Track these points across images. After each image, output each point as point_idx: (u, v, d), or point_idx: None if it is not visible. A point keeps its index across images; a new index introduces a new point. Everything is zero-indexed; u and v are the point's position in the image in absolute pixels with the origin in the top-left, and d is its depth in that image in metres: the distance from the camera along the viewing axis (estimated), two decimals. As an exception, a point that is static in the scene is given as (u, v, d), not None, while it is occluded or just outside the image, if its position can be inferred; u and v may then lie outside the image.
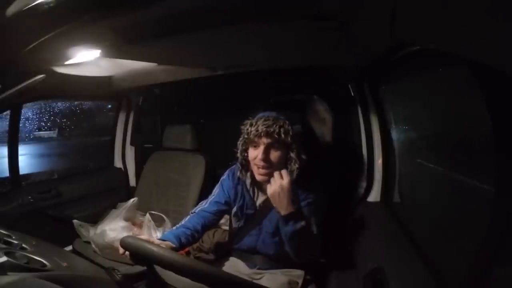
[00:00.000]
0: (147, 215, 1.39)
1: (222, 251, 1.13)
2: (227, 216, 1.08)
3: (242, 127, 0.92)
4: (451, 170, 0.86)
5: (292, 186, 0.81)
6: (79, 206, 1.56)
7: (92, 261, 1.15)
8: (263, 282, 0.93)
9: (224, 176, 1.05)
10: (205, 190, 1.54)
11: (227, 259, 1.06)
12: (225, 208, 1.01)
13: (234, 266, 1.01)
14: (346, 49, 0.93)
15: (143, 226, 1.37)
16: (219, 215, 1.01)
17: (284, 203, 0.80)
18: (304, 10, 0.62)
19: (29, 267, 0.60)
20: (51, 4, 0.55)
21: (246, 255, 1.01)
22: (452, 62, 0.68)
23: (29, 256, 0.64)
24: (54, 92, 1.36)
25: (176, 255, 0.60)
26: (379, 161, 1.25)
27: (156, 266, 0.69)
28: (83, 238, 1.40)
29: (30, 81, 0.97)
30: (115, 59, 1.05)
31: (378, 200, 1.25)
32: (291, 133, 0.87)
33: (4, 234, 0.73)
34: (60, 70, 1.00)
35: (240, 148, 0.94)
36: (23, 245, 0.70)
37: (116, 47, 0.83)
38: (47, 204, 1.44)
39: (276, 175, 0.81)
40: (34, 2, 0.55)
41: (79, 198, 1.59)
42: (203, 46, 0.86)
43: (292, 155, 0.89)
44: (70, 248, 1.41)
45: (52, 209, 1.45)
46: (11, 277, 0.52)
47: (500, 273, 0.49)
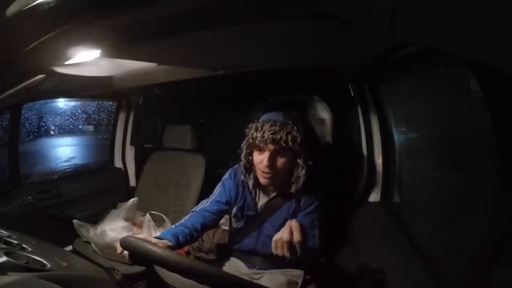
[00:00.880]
0: (147, 215, 1.39)
1: (222, 251, 1.13)
2: (227, 216, 1.08)
3: (247, 131, 0.89)
4: (451, 170, 0.86)
5: (305, 240, 0.64)
6: (79, 206, 1.56)
7: (92, 261, 1.15)
8: (262, 282, 0.93)
9: (226, 175, 1.03)
10: (205, 190, 1.54)
11: (227, 259, 1.06)
12: (226, 208, 1.00)
13: (234, 266, 1.01)
14: (346, 49, 0.92)
15: (143, 226, 1.37)
16: (220, 214, 1.00)
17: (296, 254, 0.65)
18: (305, 10, 0.63)
19: (29, 267, 0.59)
20: (51, 4, 0.55)
21: (246, 255, 1.01)
22: (452, 62, 0.68)
23: (29, 256, 0.64)
24: (54, 92, 1.37)
25: (176, 255, 0.60)
26: (379, 161, 1.25)
27: (155, 266, 0.69)
28: (83, 238, 1.40)
29: (30, 81, 0.97)
30: (115, 59, 1.05)
31: (378, 200, 1.25)
32: (299, 140, 0.84)
33: (4, 234, 0.73)
34: (60, 70, 1.00)
35: (244, 151, 0.92)
36: (23, 245, 0.70)
37: (116, 47, 0.83)
38: (47, 204, 1.44)
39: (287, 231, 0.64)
40: (34, 2, 0.55)
41: (79, 198, 1.59)
42: (203, 46, 0.86)
43: (300, 161, 0.87)
44: (70, 248, 1.41)
45: (52, 209, 1.45)
46: (11, 277, 0.52)
47: (500, 273, 0.49)
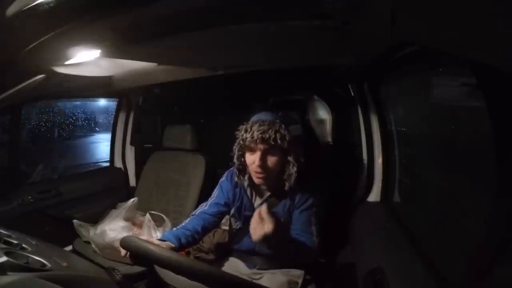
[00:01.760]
0: (147, 215, 1.39)
1: (222, 251, 1.13)
2: (227, 216, 1.08)
3: (237, 133, 0.91)
4: (451, 169, 0.86)
5: (274, 224, 0.67)
6: (79, 206, 1.56)
7: (92, 261, 1.15)
8: (263, 282, 0.93)
9: (223, 178, 1.05)
10: (205, 190, 1.54)
11: (227, 259, 1.06)
12: (225, 210, 1.01)
13: (234, 266, 1.02)
14: (346, 49, 0.92)
15: (143, 226, 1.37)
16: (219, 216, 1.01)
17: (273, 243, 0.71)
18: (304, 9, 0.62)
19: (29, 267, 0.59)
20: (51, 4, 0.55)
21: (246, 255, 1.01)
22: (452, 62, 0.68)
23: (29, 256, 0.64)
24: (54, 92, 1.37)
25: (176, 255, 0.60)
26: (379, 161, 1.25)
27: (156, 266, 0.69)
28: (83, 238, 1.40)
29: (30, 81, 0.97)
30: (115, 59, 1.05)
31: (378, 200, 1.25)
32: (287, 138, 0.86)
33: (4, 234, 0.73)
34: (60, 70, 1.00)
35: (236, 153, 0.94)
36: (23, 245, 0.69)
37: (116, 47, 0.83)
38: (47, 204, 1.44)
39: (255, 217, 0.69)
40: (34, 2, 0.55)
41: (79, 198, 1.59)
42: (203, 46, 0.86)
43: (290, 158, 0.88)
44: (70, 248, 1.40)
45: (52, 209, 1.45)
46: (11, 277, 0.52)
47: (500, 273, 0.49)
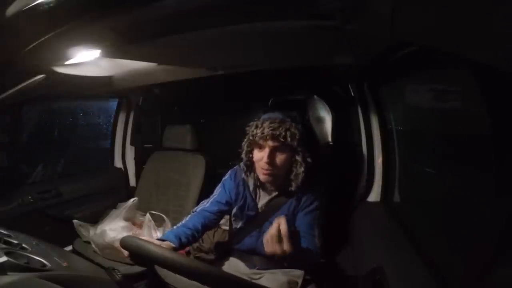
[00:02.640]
0: (147, 215, 1.39)
1: (222, 251, 1.13)
2: (227, 216, 1.08)
3: (247, 128, 0.91)
4: (451, 169, 0.86)
5: (290, 242, 0.65)
6: (79, 206, 1.56)
7: (92, 261, 1.15)
8: (263, 282, 0.93)
9: (226, 176, 1.04)
10: (205, 190, 1.54)
11: (227, 259, 1.06)
12: (226, 208, 1.01)
13: (234, 266, 1.01)
14: (346, 49, 0.92)
15: (143, 226, 1.37)
16: (220, 215, 1.01)
17: (285, 255, 0.67)
18: (304, 9, 0.62)
19: (29, 267, 0.59)
20: (51, 4, 0.55)
21: (246, 255, 1.01)
22: (452, 62, 0.68)
23: (29, 256, 0.64)
24: (54, 92, 1.36)
25: (176, 255, 0.60)
26: (379, 161, 1.25)
27: (156, 266, 0.69)
28: (83, 238, 1.40)
29: (30, 81, 0.97)
30: (115, 59, 1.05)
31: (378, 200, 1.25)
32: (297, 136, 0.86)
33: (4, 234, 0.73)
34: (60, 70, 1.00)
35: (245, 149, 0.94)
36: (23, 245, 0.69)
37: (116, 47, 0.83)
38: (47, 204, 1.44)
39: (273, 232, 0.65)
40: (34, 2, 0.55)
41: (79, 198, 1.59)
42: (203, 46, 0.86)
43: (298, 158, 0.88)
44: (70, 248, 1.40)
45: (52, 209, 1.45)
46: (11, 277, 0.52)
47: (500, 273, 0.49)
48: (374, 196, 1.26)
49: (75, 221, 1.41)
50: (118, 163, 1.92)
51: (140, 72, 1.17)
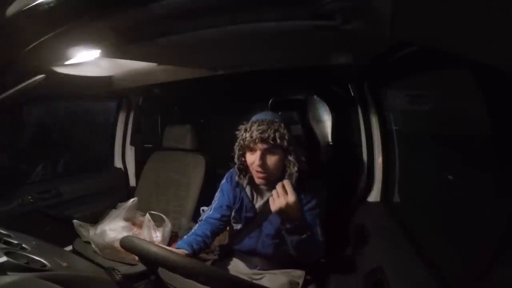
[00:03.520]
0: (147, 215, 1.39)
1: (222, 252, 1.13)
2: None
3: (237, 132, 0.91)
4: (451, 169, 0.86)
5: (296, 198, 0.76)
6: (79, 206, 1.56)
7: (92, 261, 1.14)
8: (263, 282, 0.93)
9: (224, 180, 1.05)
10: (205, 190, 1.54)
11: (227, 259, 1.06)
12: (229, 213, 1.01)
13: (235, 267, 1.01)
14: (346, 49, 0.92)
15: (143, 226, 1.37)
16: (225, 220, 1.01)
17: (290, 217, 0.78)
18: (304, 9, 0.63)
19: (29, 267, 0.59)
20: (51, 4, 0.55)
21: (246, 256, 1.01)
22: (452, 62, 0.68)
23: (29, 256, 0.64)
24: (54, 92, 1.36)
25: (176, 255, 0.60)
26: (379, 161, 1.25)
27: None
28: (83, 238, 1.40)
29: (30, 81, 0.97)
30: (115, 59, 1.05)
31: (378, 200, 1.25)
32: (287, 137, 0.86)
33: (4, 234, 0.73)
34: (60, 70, 1.00)
35: (237, 153, 0.93)
36: (23, 245, 0.69)
37: (116, 47, 0.83)
38: (47, 204, 1.44)
39: (279, 189, 0.77)
40: (34, 2, 0.55)
41: (79, 198, 1.59)
42: (203, 46, 0.86)
43: (291, 158, 0.88)
44: (70, 248, 1.40)
45: (52, 209, 1.45)
46: (11, 277, 0.52)
47: (500, 273, 0.49)
48: (374, 196, 1.26)
49: (75, 221, 1.41)
50: (118, 163, 1.92)
51: (140, 72, 1.17)
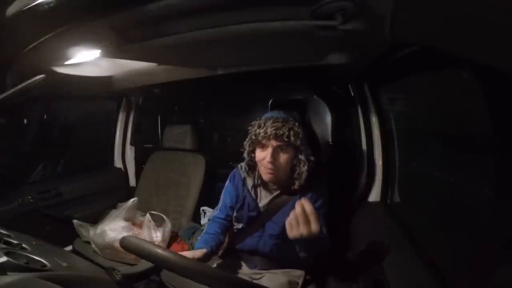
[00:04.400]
0: (147, 215, 1.39)
1: (223, 251, 1.13)
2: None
3: (250, 128, 0.91)
4: (450, 169, 0.86)
5: (319, 225, 0.64)
6: (79, 206, 1.56)
7: (92, 261, 1.14)
8: (263, 282, 0.93)
9: (227, 181, 1.05)
10: (205, 190, 1.54)
11: (227, 259, 1.06)
12: (232, 213, 1.02)
13: (235, 266, 1.02)
14: (346, 49, 0.92)
15: (143, 226, 1.37)
16: (230, 219, 1.02)
17: (306, 239, 0.66)
18: (304, 9, 0.62)
19: (29, 267, 0.59)
20: (51, 4, 0.55)
21: (247, 255, 1.02)
22: (452, 62, 0.68)
23: (29, 256, 0.64)
24: (54, 92, 1.36)
25: (176, 255, 0.60)
26: (379, 161, 1.25)
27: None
28: (83, 238, 1.40)
29: (30, 81, 0.97)
30: (115, 59, 1.05)
31: (378, 200, 1.25)
32: (300, 135, 0.86)
33: (4, 234, 0.73)
34: (60, 70, 1.00)
35: (247, 148, 0.94)
36: (23, 245, 0.69)
37: (116, 47, 0.83)
38: (47, 204, 1.44)
39: (299, 215, 0.63)
40: (34, 2, 0.55)
41: (79, 198, 1.59)
42: (203, 46, 0.86)
43: (301, 157, 0.88)
44: (70, 248, 1.41)
45: (52, 209, 1.45)
46: (11, 277, 0.52)
47: (500, 273, 0.49)
48: (374, 196, 1.26)
49: (75, 221, 1.41)
50: (118, 163, 1.92)
51: (140, 72, 1.17)
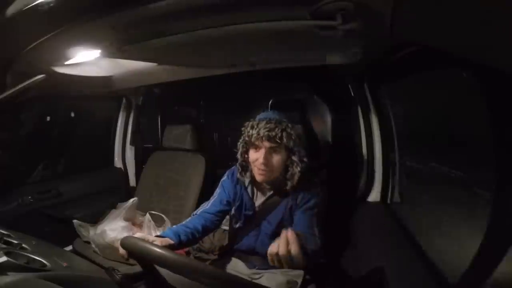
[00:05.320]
0: (147, 215, 1.39)
1: (222, 251, 1.13)
2: (227, 217, 1.08)
3: (243, 129, 0.91)
4: (451, 169, 0.86)
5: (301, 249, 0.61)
6: (79, 206, 1.56)
7: (92, 261, 1.15)
8: (262, 282, 0.93)
9: (224, 177, 1.05)
10: (205, 190, 1.54)
11: (226, 259, 1.06)
12: (226, 209, 1.01)
13: (234, 266, 1.02)
14: (346, 49, 0.93)
15: (143, 226, 1.37)
16: (221, 215, 1.01)
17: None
18: (304, 9, 0.62)
19: (29, 267, 0.60)
20: (51, 4, 0.55)
21: (246, 255, 1.01)
22: (452, 62, 0.68)
23: (29, 256, 0.64)
24: (54, 92, 1.36)
25: (176, 255, 0.60)
26: (379, 161, 1.25)
27: (156, 266, 0.69)
28: (83, 238, 1.40)
29: (30, 81, 0.97)
30: (115, 59, 1.05)
31: (378, 200, 1.25)
32: (293, 137, 0.86)
33: (4, 234, 0.73)
34: (60, 70, 1.00)
35: (240, 149, 0.93)
36: (23, 245, 0.70)
37: (116, 47, 0.83)
38: (47, 204, 1.44)
39: (282, 244, 0.60)
40: (34, 2, 0.55)
41: (79, 198, 1.59)
42: (203, 46, 0.86)
43: (294, 158, 0.88)
44: (70, 248, 1.40)
45: (52, 209, 1.45)
46: (11, 277, 0.52)
47: (500, 273, 0.49)
48: (374, 196, 1.26)
49: (75, 221, 1.41)
50: (118, 163, 1.92)
51: (140, 72, 1.17)
